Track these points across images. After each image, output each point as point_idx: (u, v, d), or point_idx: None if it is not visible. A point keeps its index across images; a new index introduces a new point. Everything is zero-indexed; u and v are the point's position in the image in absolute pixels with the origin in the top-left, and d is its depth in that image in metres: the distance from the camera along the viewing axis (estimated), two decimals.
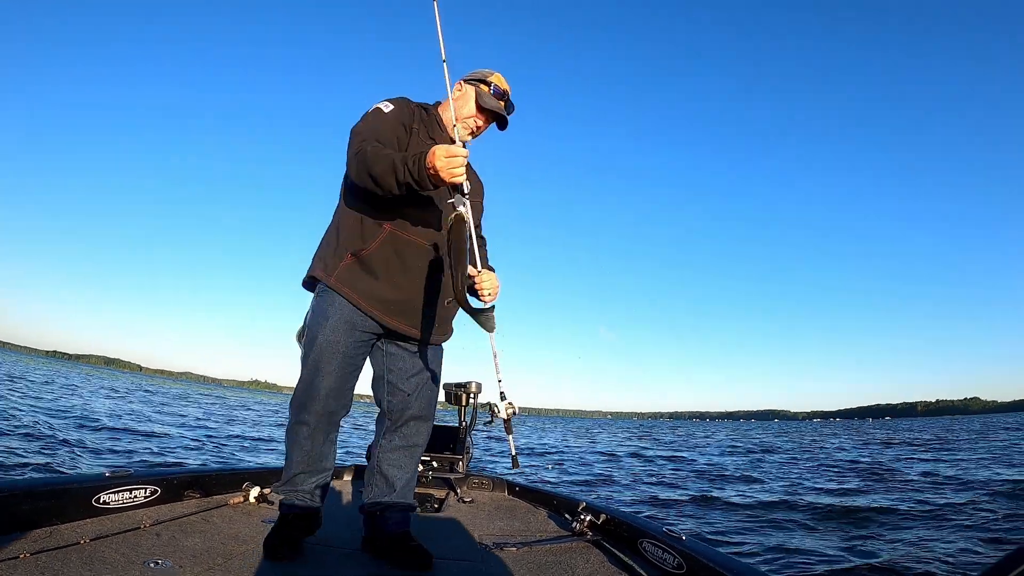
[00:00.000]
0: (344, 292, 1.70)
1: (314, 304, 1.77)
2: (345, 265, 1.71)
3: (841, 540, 4.19)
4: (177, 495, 2.18)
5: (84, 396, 15.49)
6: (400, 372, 1.82)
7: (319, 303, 1.74)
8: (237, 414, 18.25)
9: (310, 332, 1.73)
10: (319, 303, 1.74)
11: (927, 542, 4.03)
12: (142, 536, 1.71)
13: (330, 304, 1.71)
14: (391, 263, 1.71)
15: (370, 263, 1.70)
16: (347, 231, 1.74)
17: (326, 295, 1.73)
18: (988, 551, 3.83)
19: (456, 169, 1.51)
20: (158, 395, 24.59)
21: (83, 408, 11.42)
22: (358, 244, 1.71)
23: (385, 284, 1.71)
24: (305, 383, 1.72)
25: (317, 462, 1.78)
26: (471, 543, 2.03)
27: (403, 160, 1.53)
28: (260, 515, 2.16)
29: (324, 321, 1.70)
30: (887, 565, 3.54)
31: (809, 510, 5.42)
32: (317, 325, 1.71)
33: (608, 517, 2.15)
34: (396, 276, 1.72)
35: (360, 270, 1.71)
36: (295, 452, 1.76)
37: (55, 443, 6.23)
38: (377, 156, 1.58)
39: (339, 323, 1.69)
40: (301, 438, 1.74)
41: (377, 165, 1.56)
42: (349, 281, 1.70)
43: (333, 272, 1.72)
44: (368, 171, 1.57)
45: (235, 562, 1.57)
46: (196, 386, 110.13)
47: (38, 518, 1.65)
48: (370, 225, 1.72)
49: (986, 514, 5.01)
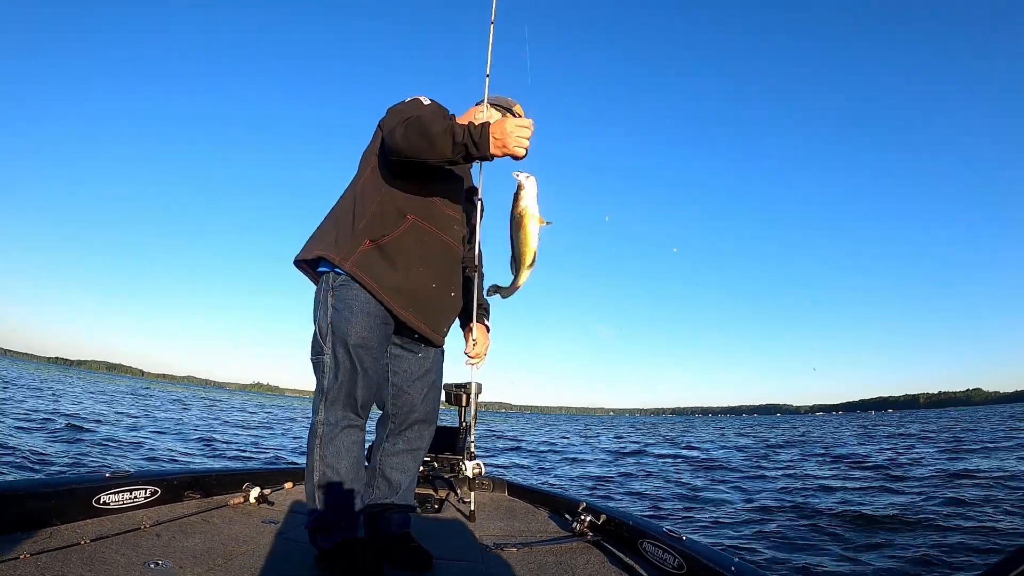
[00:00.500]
0: (361, 278, 1.60)
1: (333, 298, 1.62)
2: (363, 251, 1.63)
3: (848, 540, 4.17)
4: (177, 496, 2.18)
5: (85, 399, 15.49)
6: (405, 374, 1.79)
7: (341, 299, 1.61)
8: (237, 416, 18.25)
9: (338, 329, 1.59)
10: (341, 299, 1.61)
11: (939, 543, 4.01)
12: (142, 537, 1.71)
13: (353, 296, 1.61)
14: (411, 254, 1.66)
15: (390, 252, 1.63)
16: (367, 217, 1.66)
17: (343, 285, 1.62)
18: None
19: (524, 139, 1.49)
20: (159, 399, 24.59)
21: (83, 410, 11.42)
22: (379, 231, 1.64)
23: (403, 274, 1.64)
24: (345, 385, 1.59)
25: (364, 471, 1.69)
26: (471, 543, 2.03)
27: (461, 125, 1.52)
28: (260, 516, 2.16)
29: (352, 316, 1.59)
30: (891, 566, 3.54)
31: (813, 508, 5.41)
32: (346, 320, 1.59)
33: (608, 517, 2.15)
34: (413, 267, 1.66)
35: (379, 257, 1.63)
36: (345, 463, 1.59)
37: (55, 445, 6.23)
38: (435, 118, 1.57)
39: (368, 317, 1.61)
40: (350, 443, 1.61)
41: (435, 124, 1.53)
42: (366, 267, 1.61)
43: (349, 257, 1.61)
44: (426, 129, 1.52)
45: (235, 563, 1.58)
46: (198, 389, 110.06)
47: (38, 519, 1.65)
48: (391, 214, 1.66)
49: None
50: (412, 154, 1.57)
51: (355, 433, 1.63)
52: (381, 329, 1.65)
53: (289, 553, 1.72)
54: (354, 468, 1.62)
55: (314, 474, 1.58)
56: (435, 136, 1.51)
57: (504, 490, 3.05)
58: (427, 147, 1.53)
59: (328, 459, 1.58)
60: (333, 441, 1.59)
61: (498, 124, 1.50)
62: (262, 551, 1.71)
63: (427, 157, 1.56)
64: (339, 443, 1.59)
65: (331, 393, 1.60)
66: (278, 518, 2.14)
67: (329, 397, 1.60)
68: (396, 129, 1.57)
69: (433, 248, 1.70)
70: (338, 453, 1.59)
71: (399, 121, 1.59)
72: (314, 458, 1.59)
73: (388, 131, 1.61)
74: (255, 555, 1.66)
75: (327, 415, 1.60)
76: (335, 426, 1.60)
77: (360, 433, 1.66)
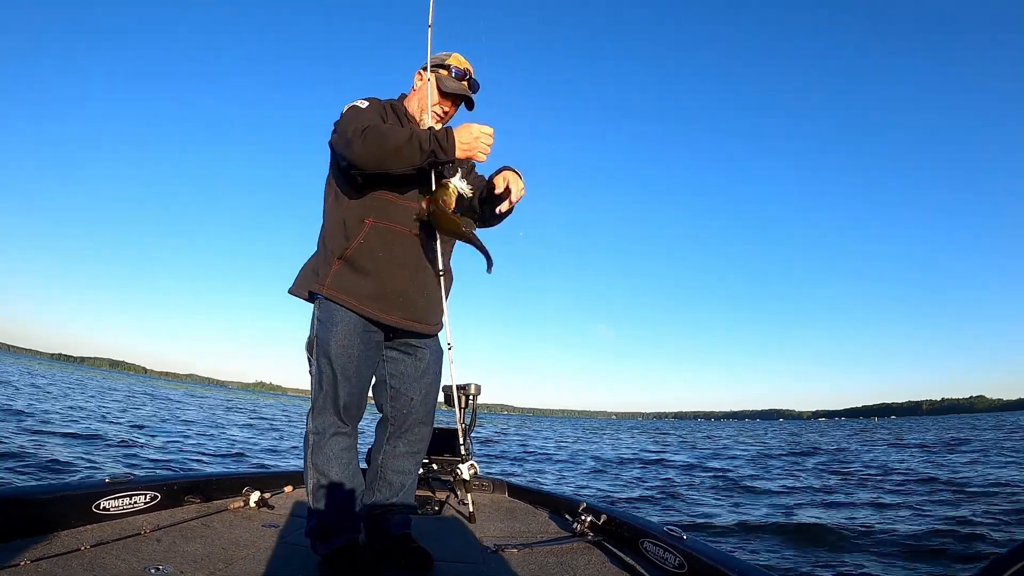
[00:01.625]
0: (340, 299, 1.66)
1: (318, 313, 1.70)
2: (335, 271, 1.67)
3: (852, 542, 4.18)
4: (177, 501, 2.18)
5: (86, 400, 15.44)
6: (403, 377, 1.80)
7: (323, 312, 1.69)
8: (237, 417, 18.21)
9: (321, 341, 1.66)
10: (323, 312, 1.69)
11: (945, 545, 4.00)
12: (142, 542, 1.71)
13: (335, 311, 1.66)
14: (377, 256, 1.67)
15: (356, 261, 1.66)
16: (332, 236, 1.70)
17: (326, 304, 1.68)
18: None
19: (487, 146, 1.59)
20: (162, 398, 24.52)
21: (85, 412, 11.38)
22: (342, 245, 1.67)
23: (375, 281, 1.67)
24: (330, 395, 1.64)
25: (359, 474, 1.71)
26: (471, 544, 2.03)
27: (425, 131, 1.57)
28: (260, 520, 2.16)
29: (332, 328, 1.65)
30: (894, 568, 3.55)
31: (817, 508, 5.42)
32: (327, 332, 1.65)
33: (609, 517, 2.16)
34: (384, 269, 1.68)
35: (350, 272, 1.66)
36: (336, 469, 1.63)
37: (55, 447, 6.21)
38: (392, 129, 1.58)
39: (347, 328, 1.65)
40: (339, 450, 1.65)
41: (393, 136, 1.54)
42: (341, 286, 1.66)
43: (325, 281, 1.68)
44: (384, 142, 1.53)
45: (236, 567, 1.58)
46: (200, 388, 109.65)
47: (38, 525, 1.65)
48: (352, 224, 1.68)
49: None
50: (376, 166, 1.57)
51: (343, 440, 1.68)
52: (363, 336, 1.68)
53: (290, 557, 1.72)
54: (345, 473, 1.66)
55: (309, 482, 1.66)
56: (400, 145, 1.53)
57: (504, 491, 3.06)
58: (392, 157, 1.55)
59: (319, 466, 1.64)
60: (323, 449, 1.65)
61: (463, 130, 1.58)
62: (262, 555, 1.71)
63: (393, 168, 1.57)
64: (328, 450, 1.65)
65: (318, 403, 1.67)
66: (278, 522, 2.14)
67: (316, 407, 1.67)
68: (353, 143, 1.55)
69: (399, 243, 1.70)
70: (328, 460, 1.64)
71: (350, 136, 1.56)
72: (307, 466, 1.67)
73: (343, 147, 1.58)
74: (255, 559, 1.66)
75: (315, 424, 1.67)
76: (323, 434, 1.66)
77: (348, 439, 1.70)
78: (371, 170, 1.58)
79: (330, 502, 1.62)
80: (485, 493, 3.03)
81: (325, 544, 1.62)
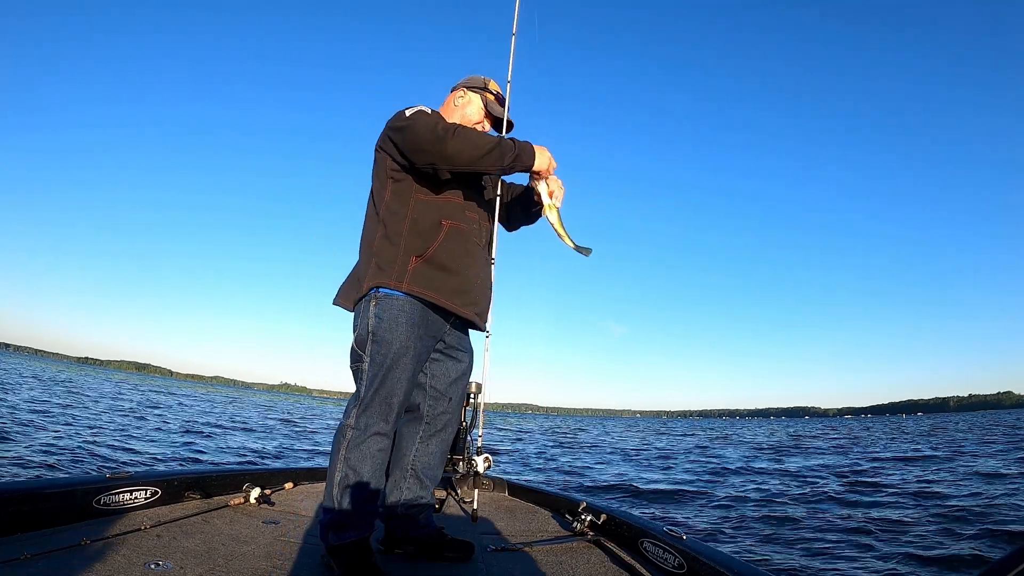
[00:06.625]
0: (423, 294, 1.67)
1: (376, 311, 1.66)
2: (413, 268, 1.68)
3: (858, 543, 4.16)
4: (178, 496, 2.19)
5: (95, 399, 15.49)
6: (443, 378, 1.85)
7: (385, 309, 1.66)
8: (248, 415, 18.25)
9: (381, 338, 1.64)
10: (385, 309, 1.66)
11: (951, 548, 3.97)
12: (143, 537, 1.71)
13: (400, 310, 1.66)
14: (456, 256, 1.74)
15: (439, 260, 1.70)
16: (404, 236, 1.71)
17: (392, 301, 1.66)
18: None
19: (553, 171, 1.80)
20: (185, 398, 24.57)
21: (90, 412, 11.43)
22: (419, 246, 1.69)
23: (457, 278, 1.73)
24: (381, 393, 1.64)
25: (383, 477, 1.72)
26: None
27: (509, 139, 1.71)
28: (261, 516, 2.16)
29: (396, 326, 1.64)
30: (897, 570, 3.53)
31: (820, 506, 5.40)
32: (389, 331, 1.64)
33: (609, 517, 2.15)
34: (463, 268, 1.75)
35: (431, 270, 1.69)
36: (368, 468, 1.62)
37: (55, 445, 6.23)
38: (479, 133, 1.70)
39: (412, 327, 1.66)
40: (375, 450, 1.64)
41: (482, 137, 1.67)
42: (424, 282, 1.68)
43: (404, 279, 1.67)
44: (477, 141, 1.63)
45: (236, 563, 1.58)
46: (226, 389, 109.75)
47: (39, 519, 1.65)
48: (428, 224, 1.71)
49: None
50: (467, 163, 1.64)
51: (381, 441, 1.66)
52: (424, 339, 1.72)
53: (290, 553, 1.72)
54: (376, 474, 1.65)
55: (336, 475, 1.62)
56: (491, 148, 1.64)
57: (504, 490, 3.05)
58: (480, 158, 1.63)
59: (352, 462, 1.61)
60: (360, 446, 1.63)
61: (542, 150, 1.76)
62: (263, 551, 1.71)
63: (477, 168, 1.66)
64: (365, 448, 1.63)
65: (365, 399, 1.64)
66: (279, 518, 2.14)
67: (363, 403, 1.64)
68: (446, 140, 1.59)
69: (469, 245, 1.80)
70: (363, 458, 1.62)
71: (443, 131, 1.61)
72: (338, 459, 1.63)
73: (433, 142, 1.60)
74: (256, 555, 1.67)
75: (358, 420, 1.64)
76: (364, 431, 1.63)
77: (387, 441, 1.68)
78: (462, 167, 1.65)
79: (354, 498, 1.60)
80: (485, 492, 3.03)
81: (338, 536, 1.59)
